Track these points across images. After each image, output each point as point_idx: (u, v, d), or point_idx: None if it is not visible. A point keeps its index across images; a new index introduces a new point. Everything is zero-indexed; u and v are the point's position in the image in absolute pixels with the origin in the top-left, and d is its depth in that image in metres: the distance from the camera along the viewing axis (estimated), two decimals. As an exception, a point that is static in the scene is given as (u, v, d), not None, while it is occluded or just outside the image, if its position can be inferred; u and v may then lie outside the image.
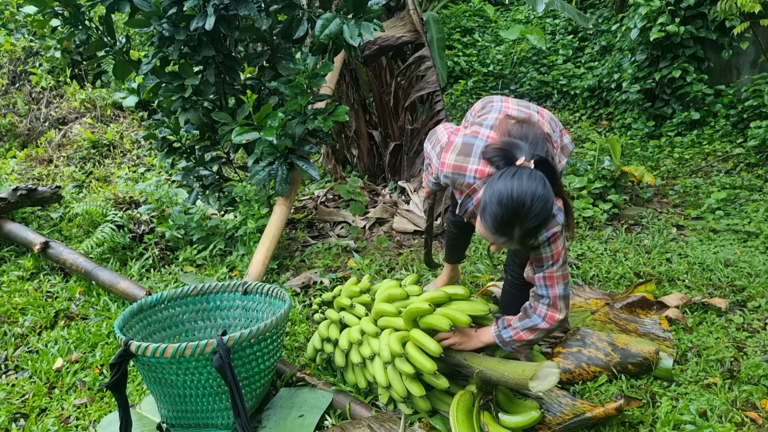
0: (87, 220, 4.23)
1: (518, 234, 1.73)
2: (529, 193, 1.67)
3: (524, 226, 1.70)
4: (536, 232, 1.75)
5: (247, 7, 3.19)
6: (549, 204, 1.70)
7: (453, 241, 2.93)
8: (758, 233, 3.85)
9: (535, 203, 1.67)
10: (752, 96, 6.02)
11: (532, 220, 1.69)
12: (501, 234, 1.75)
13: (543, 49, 8.90)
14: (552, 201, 1.72)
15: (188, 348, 1.95)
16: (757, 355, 2.49)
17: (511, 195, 1.67)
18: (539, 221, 1.70)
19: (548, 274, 1.98)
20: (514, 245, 1.80)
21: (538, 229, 1.73)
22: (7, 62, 7.06)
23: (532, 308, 2.06)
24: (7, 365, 2.84)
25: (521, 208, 1.67)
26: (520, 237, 1.74)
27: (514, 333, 2.07)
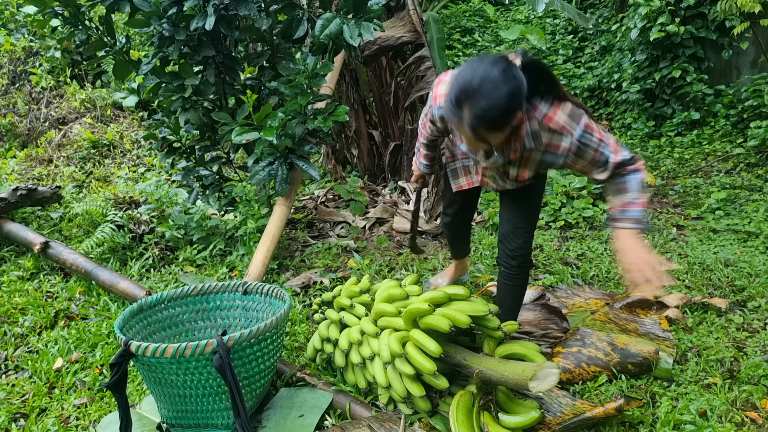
0: (87, 220, 4.23)
1: (468, 116, 1.69)
2: (482, 74, 1.65)
3: (472, 106, 1.66)
4: (491, 120, 1.68)
5: (247, 7, 3.19)
6: (503, 91, 1.64)
7: (450, 239, 3.02)
8: (758, 233, 3.85)
9: (484, 84, 1.64)
10: (752, 96, 6.02)
11: (480, 101, 1.65)
12: (455, 115, 1.72)
13: (543, 49, 8.90)
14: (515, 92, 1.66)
15: (188, 348, 1.95)
16: (757, 355, 2.49)
17: (465, 75, 1.68)
18: (489, 105, 1.65)
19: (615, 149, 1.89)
20: (467, 129, 1.73)
21: (491, 116, 1.67)
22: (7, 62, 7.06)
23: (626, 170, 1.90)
24: (7, 365, 2.84)
25: (469, 87, 1.66)
26: (471, 121, 1.69)
27: (640, 205, 1.90)
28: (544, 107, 1.88)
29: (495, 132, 1.76)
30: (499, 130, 1.75)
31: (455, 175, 2.53)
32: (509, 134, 1.83)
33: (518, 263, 2.37)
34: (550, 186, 4.91)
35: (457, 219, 2.80)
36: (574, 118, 1.86)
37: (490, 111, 1.67)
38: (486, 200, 4.82)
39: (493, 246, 4.02)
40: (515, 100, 1.68)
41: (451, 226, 2.85)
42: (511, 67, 1.69)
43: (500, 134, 1.78)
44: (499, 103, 1.66)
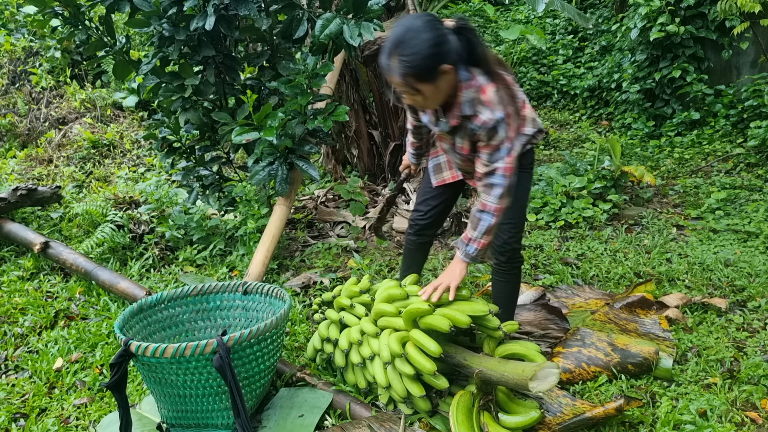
0: (87, 220, 4.23)
1: (396, 65, 1.86)
2: (407, 26, 1.85)
3: (399, 55, 1.84)
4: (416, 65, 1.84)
5: (247, 7, 3.19)
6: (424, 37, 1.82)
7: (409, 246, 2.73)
8: (758, 233, 3.85)
9: (407, 34, 1.83)
10: (752, 96, 6.02)
11: (404, 49, 1.83)
12: (388, 69, 1.90)
13: (543, 49, 8.90)
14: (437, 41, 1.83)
15: (188, 348, 1.95)
16: (757, 355, 2.49)
17: (394, 31, 1.88)
18: (412, 51, 1.82)
19: (508, 163, 2.02)
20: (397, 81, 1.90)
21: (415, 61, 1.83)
22: (7, 62, 7.06)
23: (482, 207, 2.10)
24: (7, 365, 2.84)
25: (396, 39, 1.86)
26: (400, 69, 1.86)
27: (477, 244, 2.13)
28: (482, 80, 1.99)
29: (424, 82, 1.89)
30: (426, 78, 1.88)
31: (438, 170, 2.55)
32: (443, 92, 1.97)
33: (507, 258, 2.41)
34: (550, 186, 4.92)
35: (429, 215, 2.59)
36: (503, 102, 1.98)
37: (414, 56, 1.83)
38: (486, 200, 4.82)
39: (493, 246, 4.02)
40: (437, 48, 1.84)
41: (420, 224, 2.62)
42: (436, 21, 1.86)
43: (430, 85, 1.91)
44: (420, 48, 1.82)
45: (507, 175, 2.03)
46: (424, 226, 2.61)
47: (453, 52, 1.89)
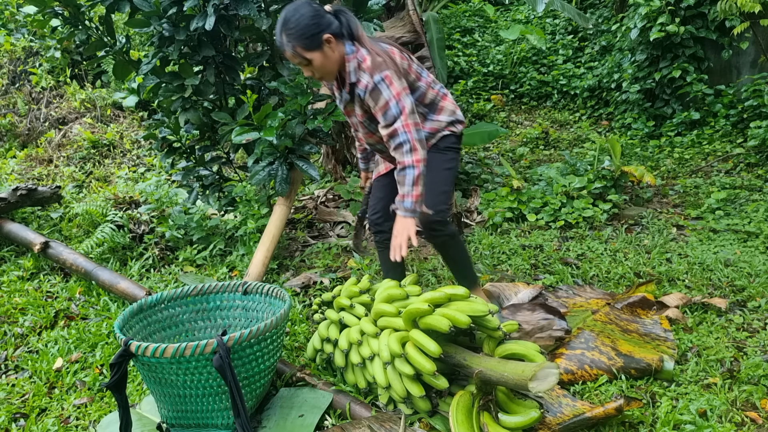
0: (87, 220, 4.23)
1: (285, 40, 2.19)
2: (289, 8, 2.20)
3: (285, 30, 2.18)
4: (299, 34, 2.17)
5: (247, 7, 3.19)
6: (303, 11, 2.17)
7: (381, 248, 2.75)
8: (758, 233, 3.85)
9: (288, 12, 2.19)
10: (752, 96, 6.02)
11: (288, 24, 2.17)
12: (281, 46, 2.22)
13: (543, 49, 8.90)
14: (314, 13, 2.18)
15: (188, 348, 1.95)
16: (757, 355, 2.49)
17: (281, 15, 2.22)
18: (294, 23, 2.17)
19: (404, 119, 2.21)
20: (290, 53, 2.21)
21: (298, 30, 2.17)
22: (7, 62, 7.06)
23: (401, 165, 2.24)
24: (7, 365, 2.84)
25: (281, 20, 2.20)
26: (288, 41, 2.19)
27: (411, 197, 2.26)
28: (364, 51, 2.28)
29: (310, 50, 2.20)
30: (311, 47, 2.19)
31: (377, 165, 2.80)
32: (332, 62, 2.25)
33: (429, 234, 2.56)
34: (550, 186, 4.92)
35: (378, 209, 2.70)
36: (380, 66, 2.23)
37: (296, 28, 2.16)
38: (486, 200, 4.82)
39: (493, 246, 4.02)
40: (316, 19, 2.17)
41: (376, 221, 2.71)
42: (313, 2, 2.22)
43: (317, 53, 2.21)
44: (301, 20, 2.16)
45: (407, 130, 2.22)
46: (379, 221, 2.72)
47: (333, 25, 2.22)
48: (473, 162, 5.76)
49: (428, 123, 2.50)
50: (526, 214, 4.55)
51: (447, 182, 2.55)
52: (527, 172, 5.69)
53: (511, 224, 4.48)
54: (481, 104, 8.13)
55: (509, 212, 4.55)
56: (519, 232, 4.32)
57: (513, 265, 3.68)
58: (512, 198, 4.64)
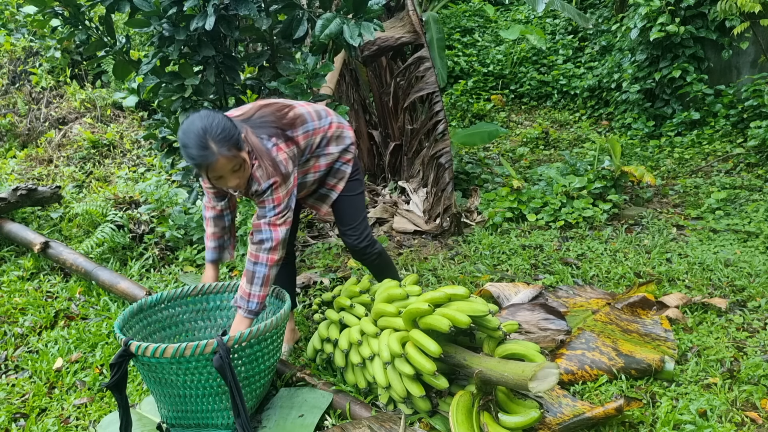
0: (87, 220, 4.23)
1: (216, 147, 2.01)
2: (198, 118, 2.06)
3: (214, 138, 2.01)
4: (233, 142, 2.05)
5: (247, 7, 3.19)
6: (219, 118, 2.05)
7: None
8: (758, 233, 3.85)
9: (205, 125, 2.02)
10: (752, 96, 6.02)
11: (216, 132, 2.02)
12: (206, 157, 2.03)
13: (543, 49, 8.90)
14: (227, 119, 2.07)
15: (188, 348, 1.95)
16: (757, 355, 2.49)
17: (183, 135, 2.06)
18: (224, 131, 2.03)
19: (272, 220, 2.22)
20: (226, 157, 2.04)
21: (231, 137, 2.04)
22: (7, 62, 7.06)
23: (254, 260, 2.24)
24: (7, 365, 2.84)
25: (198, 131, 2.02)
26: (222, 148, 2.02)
27: (258, 298, 2.24)
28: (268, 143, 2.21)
29: (241, 149, 2.09)
30: (241, 146, 2.09)
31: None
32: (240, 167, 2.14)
33: (362, 258, 2.66)
34: (550, 186, 4.92)
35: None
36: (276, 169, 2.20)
37: (222, 130, 2.03)
38: (486, 200, 4.82)
39: (493, 246, 4.02)
40: (230, 121, 2.08)
41: None
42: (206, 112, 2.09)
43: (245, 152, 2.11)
44: (219, 123, 2.04)
45: (273, 229, 2.22)
46: None
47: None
48: (473, 162, 5.76)
49: (322, 159, 2.49)
50: (526, 214, 4.55)
51: (362, 206, 2.66)
52: (527, 172, 5.69)
53: (511, 224, 4.48)
54: (481, 104, 8.13)
55: (509, 212, 4.55)
56: (519, 232, 4.32)
57: (513, 265, 3.68)
58: (512, 198, 4.64)
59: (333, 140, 2.51)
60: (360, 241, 2.60)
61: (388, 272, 2.77)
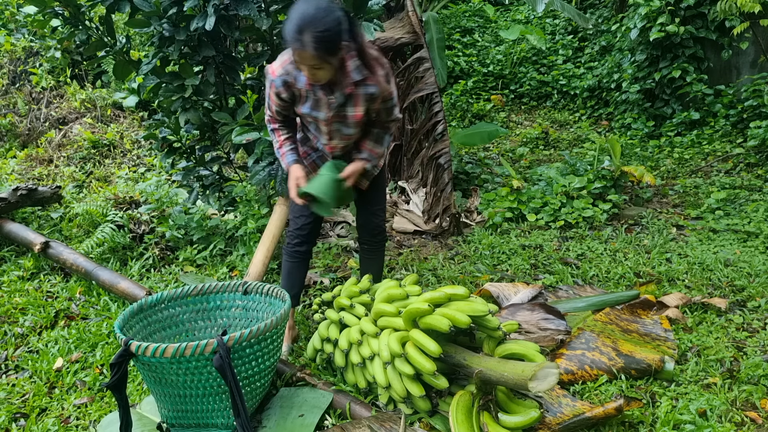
0: (87, 220, 4.23)
1: (309, 40, 2.01)
2: (315, 5, 2.04)
3: (313, 31, 2.01)
4: (329, 41, 2.05)
5: (247, 7, 3.19)
6: (334, 16, 2.04)
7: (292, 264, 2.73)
8: (758, 233, 3.85)
9: (319, 12, 2.03)
10: (752, 96, 6.03)
11: (318, 25, 2.01)
12: (298, 43, 2.04)
13: (543, 49, 8.90)
14: (342, 19, 2.07)
15: (188, 348, 1.95)
16: (757, 355, 2.49)
17: (300, 9, 2.05)
18: (325, 27, 2.02)
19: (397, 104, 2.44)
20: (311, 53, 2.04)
21: (330, 37, 2.04)
22: (7, 62, 7.06)
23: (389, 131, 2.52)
24: (8, 365, 2.84)
25: (307, 16, 2.02)
26: (313, 43, 2.02)
27: (377, 155, 2.52)
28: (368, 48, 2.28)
29: (332, 55, 2.10)
30: (334, 52, 2.10)
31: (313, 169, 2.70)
32: (340, 65, 2.21)
33: (380, 239, 2.79)
34: (550, 186, 4.92)
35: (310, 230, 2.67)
36: (381, 60, 2.31)
37: (327, 32, 2.03)
38: (486, 200, 4.82)
39: (493, 246, 4.02)
40: (343, 25, 2.08)
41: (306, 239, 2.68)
42: (332, 2, 2.11)
43: (335, 59, 2.14)
44: (332, 25, 2.04)
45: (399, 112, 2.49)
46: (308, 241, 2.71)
47: (346, 28, 2.13)
48: (473, 162, 5.77)
49: None
50: (526, 214, 4.55)
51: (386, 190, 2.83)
52: (527, 172, 5.70)
53: (511, 224, 4.48)
54: (481, 104, 8.14)
55: (509, 212, 4.55)
56: (519, 232, 4.32)
57: (513, 265, 3.69)
58: (512, 198, 4.64)
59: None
60: (384, 223, 2.76)
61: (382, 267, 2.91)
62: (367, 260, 2.85)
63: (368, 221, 2.74)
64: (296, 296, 2.75)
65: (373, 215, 2.71)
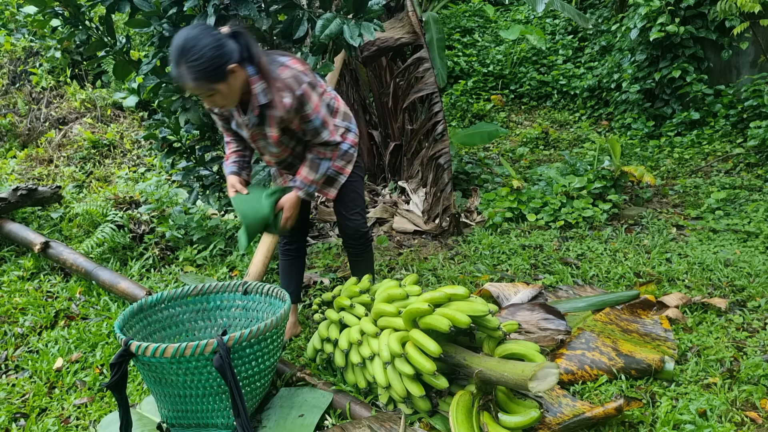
0: (87, 220, 4.23)
1: (186, 72, 2.03)
2: (185, 36, 2.04)
3: (186, 62, 2.02)
4: (205, 68, 2.03)
5: (247, 7, 3.19)
6: (204, 42, 2.02)
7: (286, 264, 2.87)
8: (758, 233, 3.85)
9: (188, 42, 2.02)
10: (752, 96, 6.03)
11: (189, 55, 2.01)
12: (180, 77, 2.06)
13: (543, 49, 8.90)
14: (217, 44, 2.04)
15: (188, 348, 1.95)
16: (757, 355, 2.49)
17: (173, 42, 2.06)
18: (197, 56, 2.01)
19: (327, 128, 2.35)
20: (192, 85, 2.07)
21: (205, 65, 2.02)
22: (7, 62, 7.06)
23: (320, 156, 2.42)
24: (8, 365, 2.84)
25: (177, 48, 2.04)
26: (191, 74, 2.03)
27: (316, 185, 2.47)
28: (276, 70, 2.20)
29: (215, 81, 2.08)
30: (217, 79, 2.07)
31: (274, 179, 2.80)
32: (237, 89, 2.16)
33: (361, 242, 2.76)
34: (550, 186, 4.92)
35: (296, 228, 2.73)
36: (297, 79, 2.21)
37: (199, 58, 2.01)
38: (486, 200, 4.82)
39: (493, 246, 4.02)
40: (219, 50, 2.04)
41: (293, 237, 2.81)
42: (211, 28, 2.09)
43: (223, 84, 2.10)
44: (202, 50, 2.01)
45: (333, 136, 2.37)
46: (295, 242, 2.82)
47: (235, 52, 2.10)
48: (473, 162, 5.77)
49: None
50: (526, 214, 4.55)
51: (362, 192, 2.75)
52: (527, 172, 5.70)
53: (511, 224, 4.48)
54: (481, 104, 8.14)
55: (509, 212, 4.55)
56: (519, 232, 4.32)
57: (513, 265, 3.69)
58: (512, 198, 4.64)
59: (338, 113, 2.57)
60: (363, 225, 2.71)
61: (370, 266, 2.85)
62: (354, 262, 2.85)
63: (345, 225, 2.72)
64: (295, 293, 2.79)
65: (348, 219, 2.69)
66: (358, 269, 2.85)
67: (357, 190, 2.70)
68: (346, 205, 2.68)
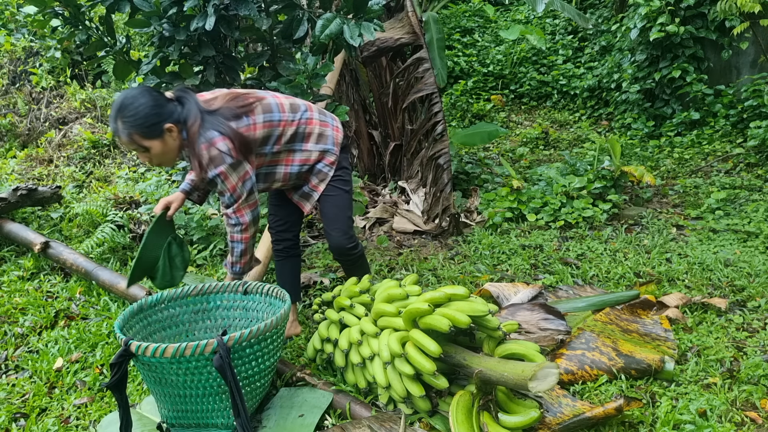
0: (87, 220, 4.23)
1: (122, 127, 2.14)
2: (125, 94, 2.17)
3: (122, 118, 2.13)
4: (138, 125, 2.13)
5: (247, 7, 3.19)
6: (141, 101, 2.13)
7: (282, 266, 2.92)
8: (758, 233, 3.85)
9: (126, 99, 2.14)
10: (752, 96, 6.02)
11: (125, 111, 2.13)
12: (116, 132, 2.17)
13: (543, 49, 8.90)
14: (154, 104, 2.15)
15: (188, 348, 1.95)
16: (757, 355, 2.49)
17: (115, 98, 2.20)
18: (132, 113, 2.12)
19: (235, 207, 2.35)
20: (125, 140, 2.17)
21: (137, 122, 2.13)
22: (7, 62, 7.06)
23: (230, 239, 2.45)
24: (8, 365, 2.84)
25: (116, 105, 2.16)
26: (125, 129, 2.14)
27: (240, 264, 2.51)
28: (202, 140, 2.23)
29: (149, 139, 2.18)
30: (151, 135, 2.17)
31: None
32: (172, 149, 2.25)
33: (345, 258, 2.72)
34: (549, 186, 4.92)
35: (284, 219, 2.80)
36: (214, 161, 2.23)
37: (134, 114, 2.12)
38: (486, 200, 4.82)
39: (493, 246, 4.02)
40: (156, 109, 2.15)
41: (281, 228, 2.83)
42: (150, 90, 2.20)
43: (156, 142, 2.19)
44: (138, 108, 2.13)
45: (240, 215, 2.37)
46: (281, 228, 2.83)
47: (174, 113, 2.20)
48: (473, 162, 5.77)
49: (297, 155, 2.54)
50: (526, 214, 4.55)
51: (349, 206, 2.70)
52: (527, 172, 5.70)
53: (511, 224, 4.48)
54: (481, 104, 8.14)
55: (509, 212, 4.55)
56: (519, 232, 4.32)
57: (513, 265, 3.69)
58: (512, 198, 4.64)
59: (311, 137, 2.55)
60: (346, 242, 2.65)
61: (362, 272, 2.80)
62: (348, 271, 2.82)
63: (328, 241, 2.69)
64: (292, 292, 2.77)
65: (329, 236, 2.65)
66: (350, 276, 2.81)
67: (338, 206, 2.63)
68: (328, 222, 2.66)
